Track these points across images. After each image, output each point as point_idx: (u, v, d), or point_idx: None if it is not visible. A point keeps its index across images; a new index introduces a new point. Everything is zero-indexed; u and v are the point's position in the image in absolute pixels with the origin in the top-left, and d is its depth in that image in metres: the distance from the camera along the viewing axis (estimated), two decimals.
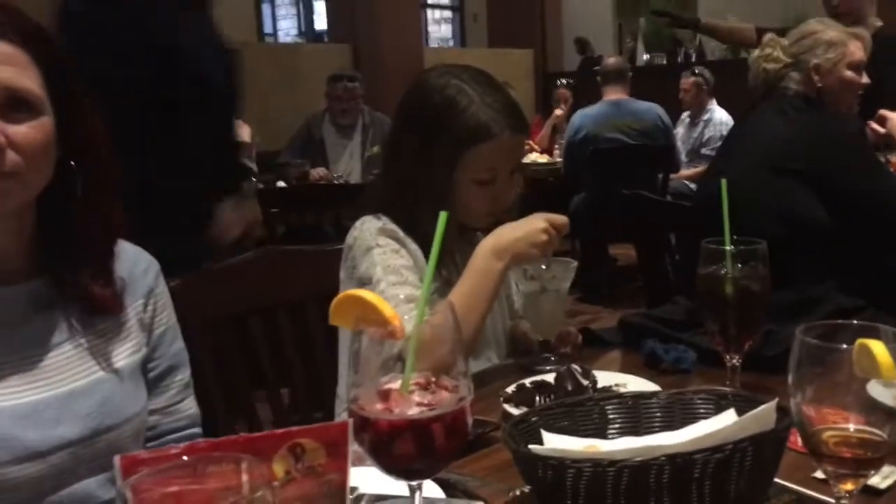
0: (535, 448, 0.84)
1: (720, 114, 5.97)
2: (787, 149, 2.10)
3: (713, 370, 1.35)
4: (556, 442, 0.89)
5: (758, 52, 2.23)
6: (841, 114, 2.22)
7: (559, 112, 6.77)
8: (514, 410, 1.24)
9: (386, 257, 1.44)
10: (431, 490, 0.98)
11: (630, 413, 0.96)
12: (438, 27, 10.79)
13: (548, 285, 1.48)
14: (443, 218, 0.84)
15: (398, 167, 1.54)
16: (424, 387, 0.77)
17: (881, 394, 0.75)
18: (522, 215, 1.45)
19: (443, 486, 1.01)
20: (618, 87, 5.26)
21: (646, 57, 9.06)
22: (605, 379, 1.34)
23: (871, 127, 2.59)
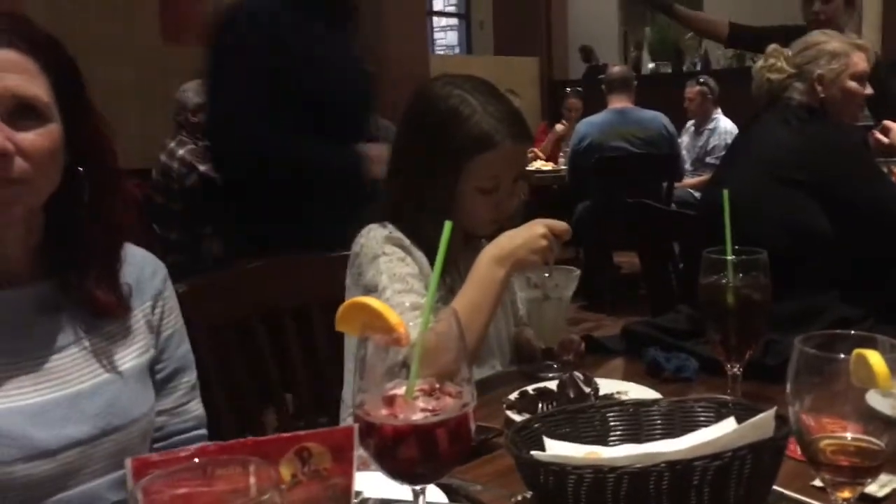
0: (537, 454, 0.85)
1: (725, 123, 5.96)
2: (791, 159, 2.10)
3: (715, 379, 1.36)
4: (558, 448, 0.90)
5: (761, 63, 2.24)
6: (844, 124, 2.22)
7: (560, 128, 6.72)
8: (516, 417, 1.25)
9: (392, 265, 1.45)
10: (434, 495, 0.99)
11: (631, 420, 0.96)
12: (444, 34, 10.80)
13: (550, 293, 1.48)
14: (447, 228, 0.84)
15: (403, 176, 1.55)
16: (429, 393, 0.78)
17: (879, 403, 0.76)
18: (525, 223, 1.46)
19: (446, 491, 1.01)
20: (623, 95, 5.27)
21: (651, 65, 9.04)
22: (607, 386, 1.35)
23: (874, 136, 2.60)
